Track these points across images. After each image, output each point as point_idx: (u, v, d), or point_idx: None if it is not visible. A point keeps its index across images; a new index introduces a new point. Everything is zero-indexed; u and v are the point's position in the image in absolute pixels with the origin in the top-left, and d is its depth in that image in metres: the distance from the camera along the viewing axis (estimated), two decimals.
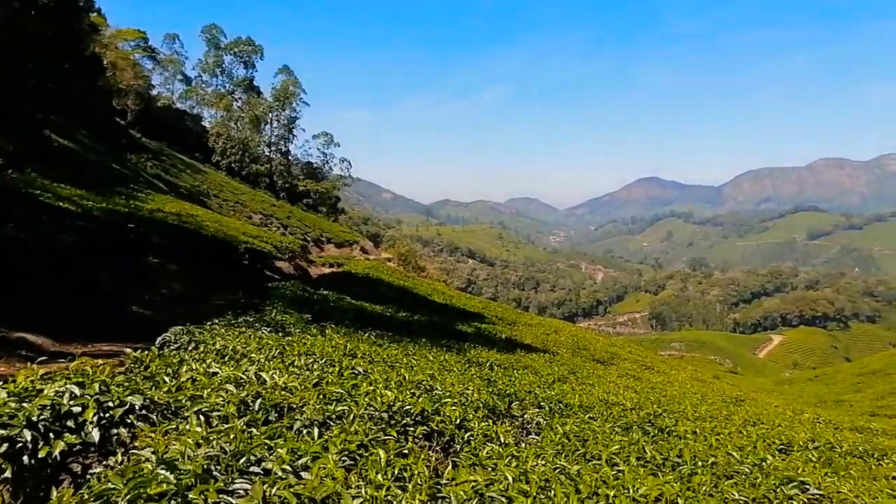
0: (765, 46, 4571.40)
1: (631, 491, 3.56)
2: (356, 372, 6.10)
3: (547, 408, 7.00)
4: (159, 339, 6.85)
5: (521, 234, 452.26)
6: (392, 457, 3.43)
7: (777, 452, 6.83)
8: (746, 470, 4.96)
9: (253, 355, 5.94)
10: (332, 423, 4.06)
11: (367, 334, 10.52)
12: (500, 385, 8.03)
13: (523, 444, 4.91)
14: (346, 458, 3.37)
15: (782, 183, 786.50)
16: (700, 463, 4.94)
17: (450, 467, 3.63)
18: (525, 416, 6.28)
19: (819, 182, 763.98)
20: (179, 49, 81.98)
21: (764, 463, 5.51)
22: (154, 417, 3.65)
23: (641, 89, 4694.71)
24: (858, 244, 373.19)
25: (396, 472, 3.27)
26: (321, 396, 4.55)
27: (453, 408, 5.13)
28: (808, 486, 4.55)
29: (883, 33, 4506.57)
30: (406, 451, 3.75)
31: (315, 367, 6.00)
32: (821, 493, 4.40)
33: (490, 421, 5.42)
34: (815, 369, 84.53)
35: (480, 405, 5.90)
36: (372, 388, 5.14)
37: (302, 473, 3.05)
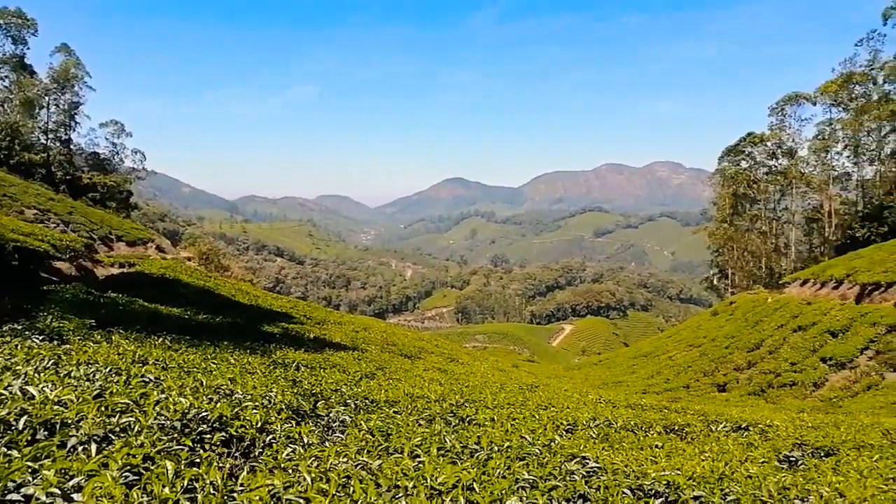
0: (557, 61, 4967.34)
1: (430, 480, 3.68)
2: (146, 380, 5.64)
3: (353, 405, 7.00)
4: None
5: (331, 231, 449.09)
6: (182, 467, 3.22)
7: (564, 432, 7.44)
8: (537, 451, 5.33)
9: (19, 367, 5.24)
10: (114, 437, 3.71)
11: (161, 339, 9.80)
12: (307, 385, 7.89)
13: (328, 444, 4.86)
14: (128, 474, 3.10)
15: (572, 185, 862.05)
16: (496, 448, 5.23)
17: (245, 472, 3.48)
18: (331, 414, 6.23)
19: (603, 185, 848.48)
20: None
21: (553, 443, 5.96)
22: None
23: (449, 93, 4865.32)
24: (634, 241, 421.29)
25: (186, 484, 3.07)
26: (103, 409, 4.14)
27: (254, 411, 4.95)
28: (588, 460, 5.02)
29: (653, 56, 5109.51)
30: (199, 460, 3.54)
31: (98, 376, 5.45)
32: (598, 465, 4.87)
33: (294, 422, 5.30)
34: (600, 354, 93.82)
35: (284, 407, 5.74)
36: (164, 395, 4.79)
37: (74, 496, 2.74)
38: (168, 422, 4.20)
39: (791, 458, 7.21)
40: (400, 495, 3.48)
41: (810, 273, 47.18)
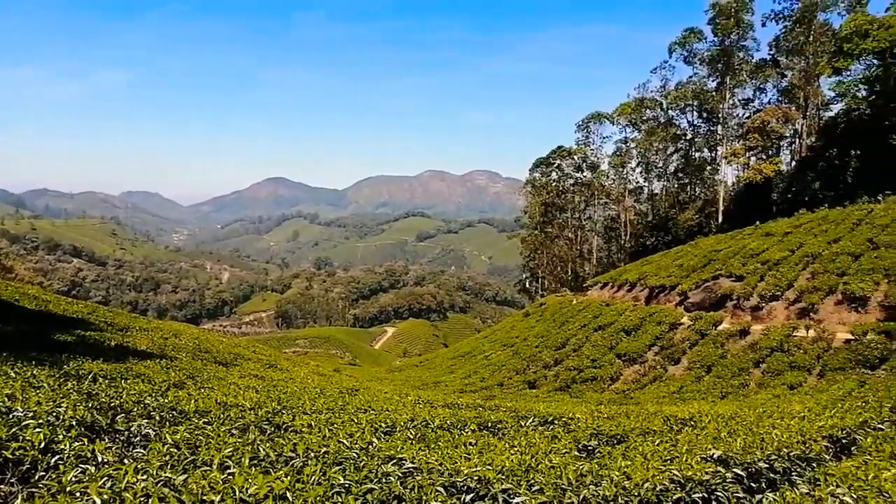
0: (383, 66, 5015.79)
1: (239, 492, 3.51)
2: None
3: (158, 417, 6.51)
4: None
5: (139, 230, 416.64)
6: None
7: (382, 435, 7.48)
8: (354, 455, 5.30)
9: None
10: None
11: None
12: (104, 398, 7.19)
13: (127, 461, 4.47)
14: None
15: (397, 190, 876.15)
16: (313, 454, 5.13)
17: (20, 500, 3.08)
18: (132, 428, 5.73)
19: (426, 191, 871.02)
20: None
21: (370, 446, 5.96)
22: None
23: (271, 90, 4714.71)
24: (455, 246, 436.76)
25: None
26: None
27: (38, 430, 4.41)
28: (404, 461, 5.09)
29: (473, 69, 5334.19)
30: None
31: None
32: (414, 465, 4.96)
33: (87, 440, 4.80)
34: (421, 356, 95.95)
35: (76, 423, 5.19)
36: None
37: None
38: None
39: (589, 447, 7.86)
40: None
41: (609, 277, 52.02)
